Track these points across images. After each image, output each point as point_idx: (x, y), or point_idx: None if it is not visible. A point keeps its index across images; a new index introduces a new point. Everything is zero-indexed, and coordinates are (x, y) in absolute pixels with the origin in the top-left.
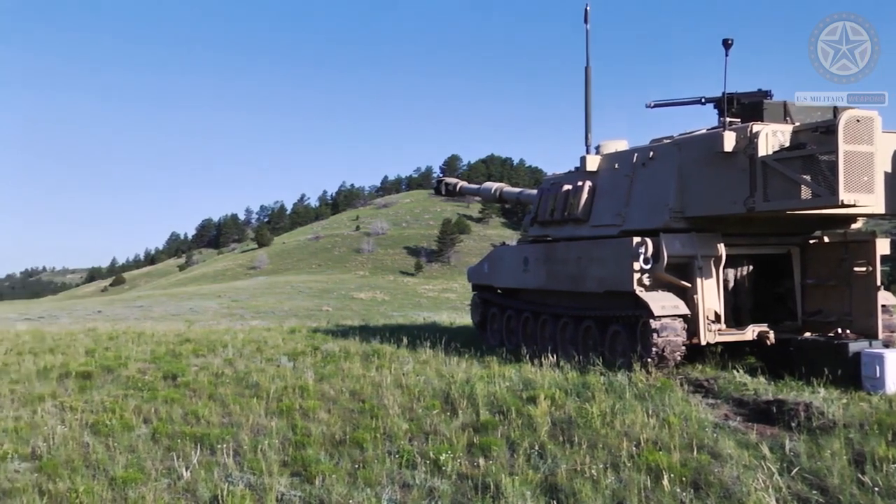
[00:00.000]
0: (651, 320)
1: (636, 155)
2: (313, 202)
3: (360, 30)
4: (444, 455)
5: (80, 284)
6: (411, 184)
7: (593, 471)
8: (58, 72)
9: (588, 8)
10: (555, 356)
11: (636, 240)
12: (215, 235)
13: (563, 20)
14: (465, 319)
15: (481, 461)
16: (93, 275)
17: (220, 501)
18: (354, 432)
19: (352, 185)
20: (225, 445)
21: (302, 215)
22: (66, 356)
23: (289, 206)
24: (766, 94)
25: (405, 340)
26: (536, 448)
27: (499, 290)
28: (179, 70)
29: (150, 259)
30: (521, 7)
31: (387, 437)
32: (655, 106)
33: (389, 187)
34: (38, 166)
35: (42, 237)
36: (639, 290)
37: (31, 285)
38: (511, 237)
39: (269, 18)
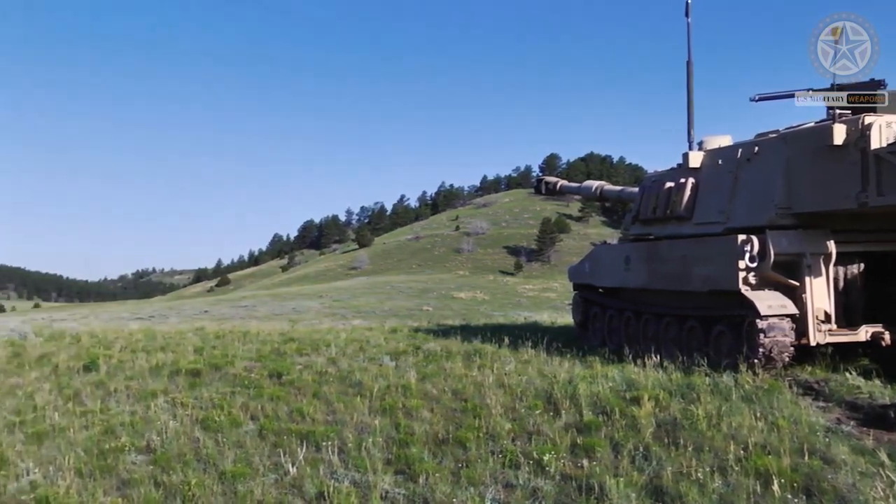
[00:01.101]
0: (757, 320)
1: (741, 150)
2: (413, 203)
3: (460, 30)
4: (547, 455)
5: (188, 285)
6: (510, 183)
7: (699, 474)
8: (167, 78)
9: (689, 1)
10: (658, 356)
11: (741, 237)
12: (317, 237)
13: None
14: (566, 319)
15: (585, 462)
16: (199, 276)
17: (326, 498)
18: (457, 431)
19: (451, 186)
20: (330, 443)
21: (402, 216)
22: (175, 354)
23: (389, 207)
24: (880, 84)
25: (506, 340)
26: (641, 449)
27: (600, 290)
28: (284, 73)
29: (254, 260)
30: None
31: (489, 437)
32: (760, 99)
33: (489, 187)
34: (149, 172)
35: (152, 240)
36: (744, 290)
37: (141, 286)
38: (611, 236)
39: (368, 19)
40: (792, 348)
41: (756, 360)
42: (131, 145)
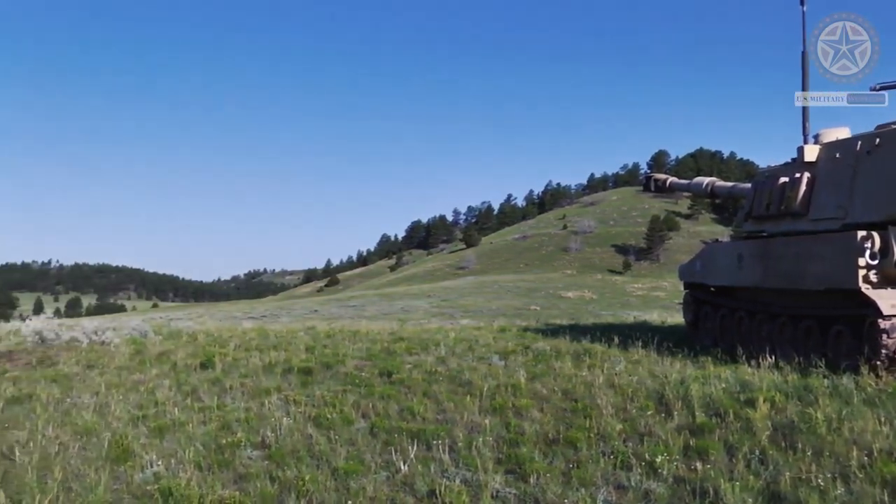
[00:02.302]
0: (880, 320)
1: (860, 143)
2: (520, 202)
3: (566, 26)
4: (659, 457)
5: (298, 285)
6: (618, 181)
7: (820, 480)
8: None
9: None
10: (773, 357)
11: (861, 234)
12: (424, 237)
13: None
14: (676, 318)
15: (698, 465)
16: (309, 276)
17: (438, 496)
18: (567, 432)
19: (558, 184)
20: (440, 441)
21: (509, 215)
22: (288, 353)
23: (496, 207)
24: None
25: (615, 340)
26: (756, 453)
27: (712, 289)
28: (393, 74)
29: (363, 260)
30: None
31: (600, 438)
32: (881, 88)
33: (596, 185)
34: (260, 176)
35: (264, 242)
36: (865, 288)
37: (253, 286)
38: (722, 233)
39: (478, 20)
40: None
41: (878, 362)
42: (243, 150)
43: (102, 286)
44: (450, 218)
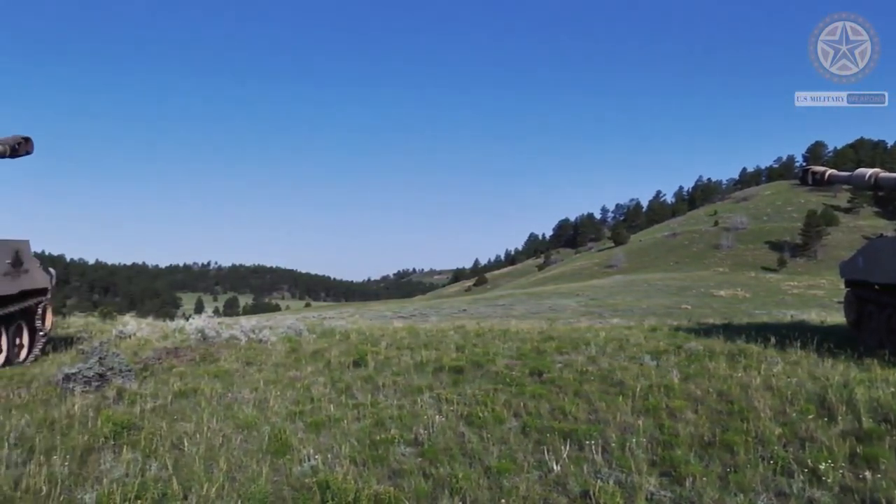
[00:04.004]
0: None
1: None
2: (669, 198)
3: (715, 18)
4: (823, 464)
5: (446, 284)
6: (772, 175)
7: None
8: (431, 81)
9: None
10: None
11: None
12: (572, 235)
13: None
14: (836, 318)
15: (867, 474)
16: (457, 275)
17: (591, 497)
18: (724, 434)
19: (708, 180)
20: (593, 442)
21: (658, 212)
22: (438, 351)
23: (644, 204)
24: None
25: (772, 340)
26: None
27: (876, 287)
28: (540, 75)
29: (511, 260)
30: None
31: (759, 442)
32: None
33: (748, 179)
34: (408, 178)
35: (412, 242)
36: None
37: (402, 286)
38: (886, 228)
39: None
40: None
41: None
42: (392, 153)
43: (258, 286)
44: (598, 216)
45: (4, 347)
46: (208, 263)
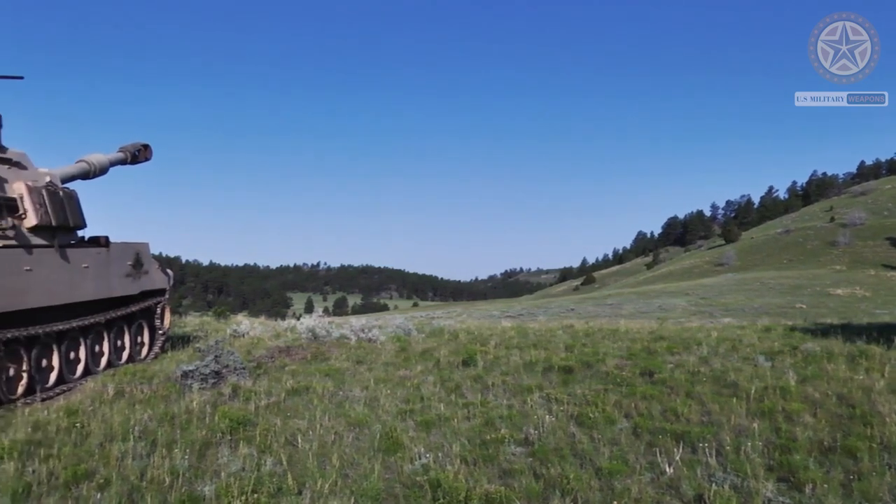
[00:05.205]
0: None
1: None
2: (782, 194)
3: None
4: None
5: (553, 284)
6: (892, 167)
7: None
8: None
9: None
10: None
11: None
12: (681, 233)
13: None
14: None
15: None
16: (564, 275)
17: (705, 501)
18: (845, 440)
19: (824, 174)
20: (706, 444)
21: (770, 208)
22: (547, 351)
23: (756, 200)
24: None
25: (895, 341)
26: None
27: None
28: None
29: (619, 258)
30: None
31: (884, 448)
32: None
33: (867, 173)
34: (515, 179)
35: (520, 242)
36: None
37: (510, 285)
38: None
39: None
40: None
41: None
42: (498, 153)
43: (366, 286)
44: (707, 213)
45: (127, 345)
46: (318, 264)
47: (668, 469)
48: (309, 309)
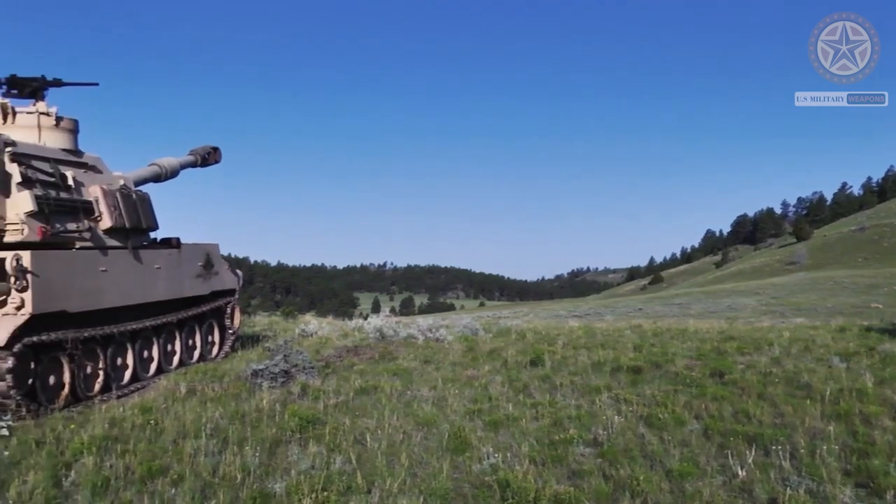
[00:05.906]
0: None
1: None
2: (856, 190)
3: None
4: None
5: (621, 283)
6: None
7: None
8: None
9: None
10: None
11: None
12: (751, 231)
13: None
14: None
15: None
16: (632, 274)
17: None
18: None
19: None
20: (779, 447)
21: (844, 205)
22: (615, 351)
23: (829, 197)
24: None
25: None
26: None
27: None
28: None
29: (687, 257)
30: None
31: None
32: None
33: None
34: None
35: (587, 241)
36: None
37: (576, 285)
38: None
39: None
40: None
41: None
42: (565, 154)
43: (433, 286)
44: (778, 210)
45: (198, 344)
46: (384, 264)
47: (740, 472)
48: (376, 309)
